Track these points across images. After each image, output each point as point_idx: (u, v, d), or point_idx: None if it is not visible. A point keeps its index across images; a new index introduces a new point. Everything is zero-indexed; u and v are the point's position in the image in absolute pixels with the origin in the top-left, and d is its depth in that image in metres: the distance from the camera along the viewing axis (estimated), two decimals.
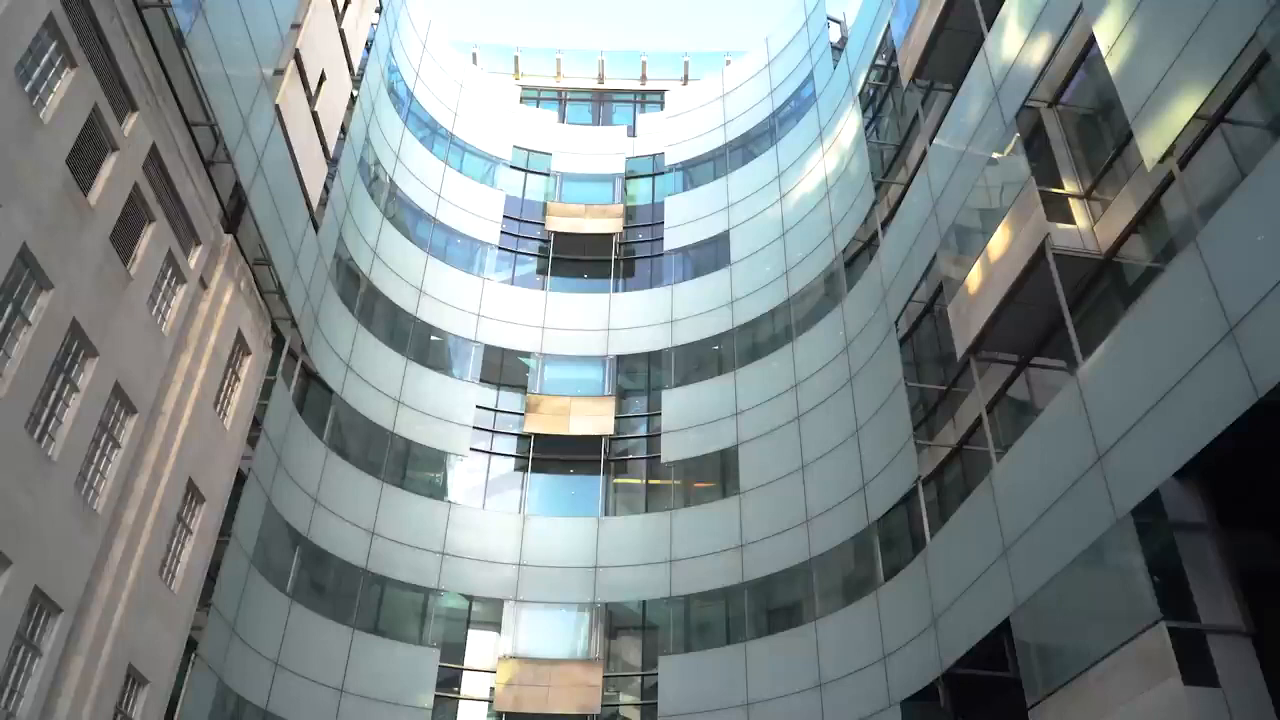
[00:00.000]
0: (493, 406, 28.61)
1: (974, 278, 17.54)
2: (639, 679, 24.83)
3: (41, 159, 12.52)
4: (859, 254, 25.03)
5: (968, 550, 17.08)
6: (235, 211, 18.95)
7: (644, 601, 25.59)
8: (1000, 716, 19.25)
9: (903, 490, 20.28)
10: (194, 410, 16.90)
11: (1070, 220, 16.30)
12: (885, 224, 23.38)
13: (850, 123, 26.67)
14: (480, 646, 25.13)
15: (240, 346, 19.13)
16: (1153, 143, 13.28)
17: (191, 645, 18.01)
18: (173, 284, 16.65)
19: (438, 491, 27.11)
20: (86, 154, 13.63)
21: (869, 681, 19.73)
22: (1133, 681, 12.43)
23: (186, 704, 17.57)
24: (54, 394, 13.28)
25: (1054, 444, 14.76)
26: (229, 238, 18.43)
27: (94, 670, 14.32)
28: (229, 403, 18.71)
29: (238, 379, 19.12)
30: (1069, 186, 16.77)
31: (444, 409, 27.26)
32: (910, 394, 20.70)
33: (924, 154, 21.41)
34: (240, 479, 19.77)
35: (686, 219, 31.56)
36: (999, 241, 16.80)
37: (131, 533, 15.34)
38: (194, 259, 17.21)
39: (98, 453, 14.54)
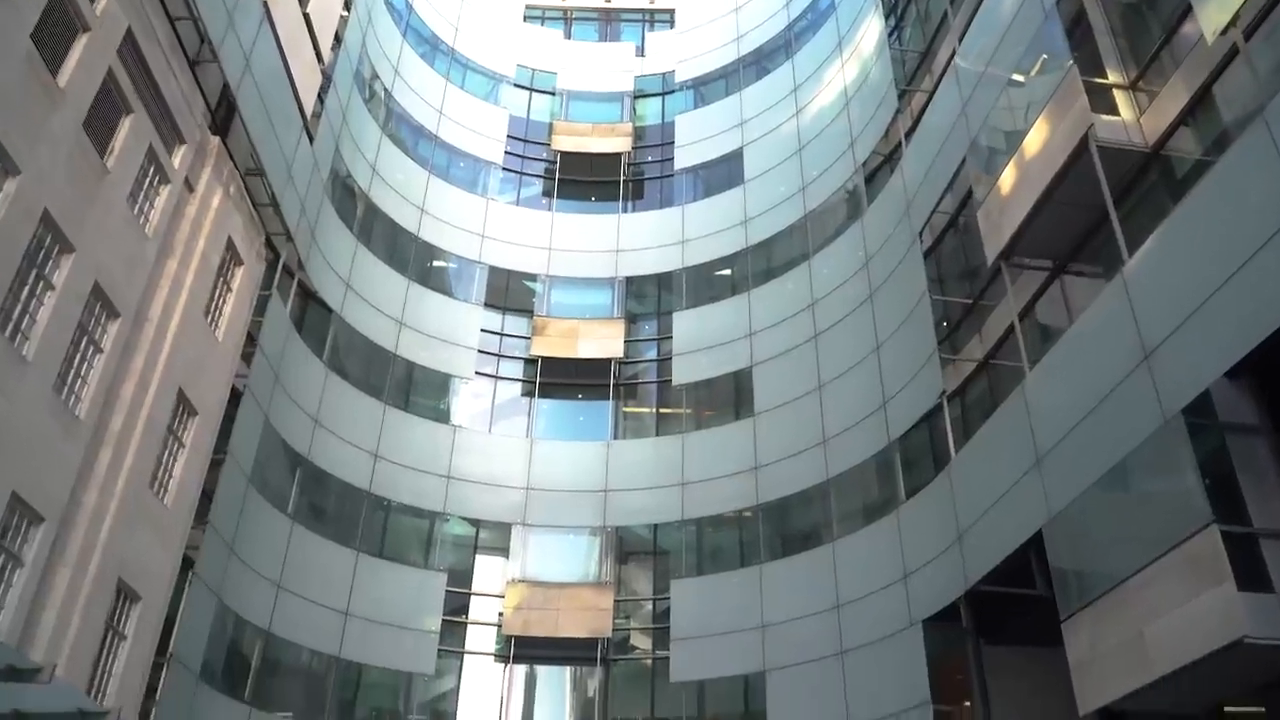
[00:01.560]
0: (498, 330, 27.77)
1: (1008, 177, 16.49)
2: (651, 604, 24.30)
3: (1, 32, 11.52)
4: (880, 167, 23.91)
5: (996, 464, 16.30)
6: (224, 116, 17.95)
7: (655, 525, 24.98)
8: (1024, 635, 18.73)
9: (926, 407, 19.45)
10: (182, 318, 16.07)
11: (1114, 112, 15.20)
12: (909, 134, 22.24)
13: (872, 30, 25.34)
14: (488, 571, 24.62)
15: (231, 255, 18.23)
16: (1214, 13, 12.19)
17: (188, 564, 17.42)
18: (155, 183, 15.69)
19: (442, 415, 26.39)
20: (53, 31, 12.61)
21: (889, 601, 19.10)
22: (1179, 588, 11.67)
23: (185, 623, 16.99)
24: (26, 290, 12.43)
25: (1096, 346, 13.85)
26: (216, 140, 17.44)
27: (81, 583, 13.68)
28: (220, 313, 17.87)
29: (229, 289, 18.26)
30: (1113, 77, 15.66)
31: (447, 331, 26.41)
32: (934, 308, 19.75)
33: (952, 55, 20.20)
34: (236, 397, 19.02)
35: (698, 137, 30.33)
36: (1036, 137, 15.73)
37: (118, 442, 14.60)
38: (178, 158, 16.24)
39: (78, 356, 13.73)
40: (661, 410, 27.23)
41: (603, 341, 27.24)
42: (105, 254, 14.06)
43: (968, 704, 19.24)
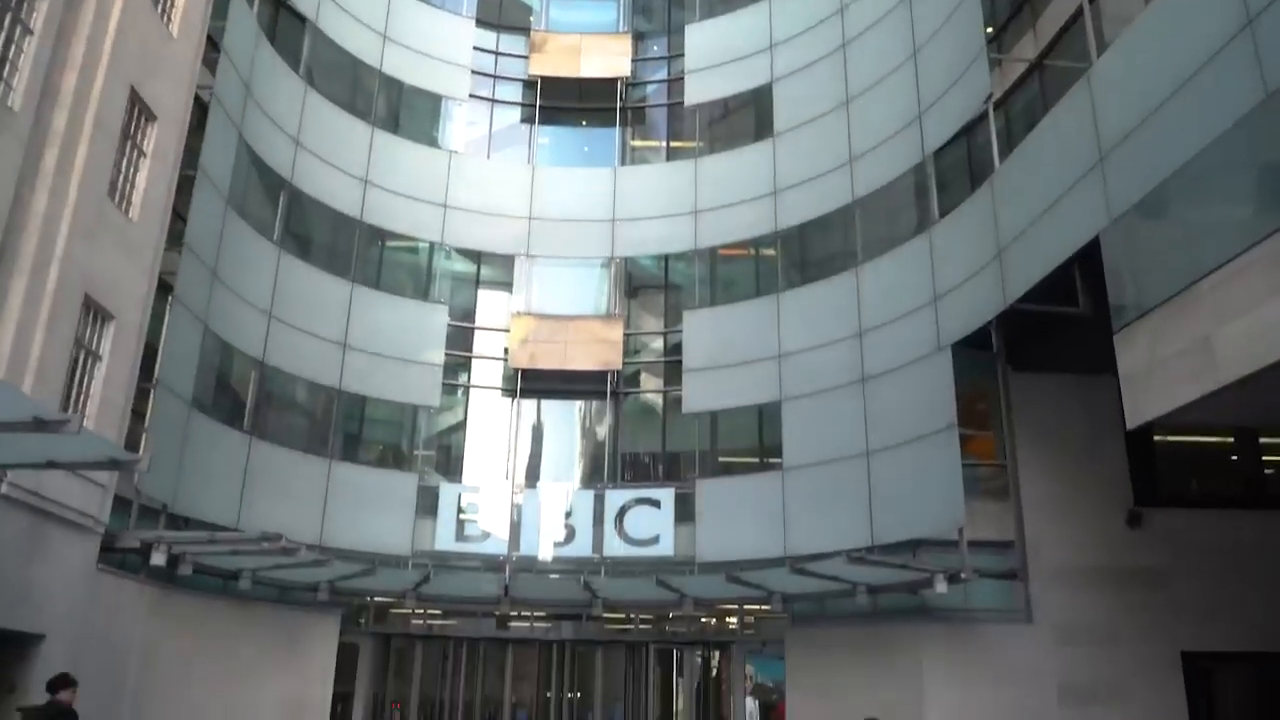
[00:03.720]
0: (493, 49, 25.30)
1: None
2: (662, 338, 23.37)
3: None
4: None
5: (1049, 169, 14.64)
6: None
7: (666, 256, 23.64)
8: (1051, 361, 17.86)
9: (968, 116, 17.57)
10: (126, 3, 13.95)
11: None
12: None
13: None
14: (492, 306, 23.58)
15: None
16: None
17: (169, 290, 16.26)
18: None
19: (436, 141, 24.49)
20: None
21: (915, 327, 18.02)
22: (1258, 288, 10.33)
23: (169, 349, 16.02)
24: None
25: (1184, 18, 11.82)
26: None
27: (41, 295, 12.48)
28: (172, 3, 15.68)
29: None
30: None
31: (437, 47, 23.97)
32: (983, 3, 17.38)
33: None
34: (205, 111, 17.18)
35: None
36: None
37: (65, 141, 12.94)
38: None
39: (1, 35, 11.84)
40: (672, 144, 25.26)
41: (608, 59, 24.83)
42: None
43: (987, 436, 18.72)
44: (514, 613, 20.90)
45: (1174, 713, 16.41)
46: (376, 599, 20.29)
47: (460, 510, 20.67)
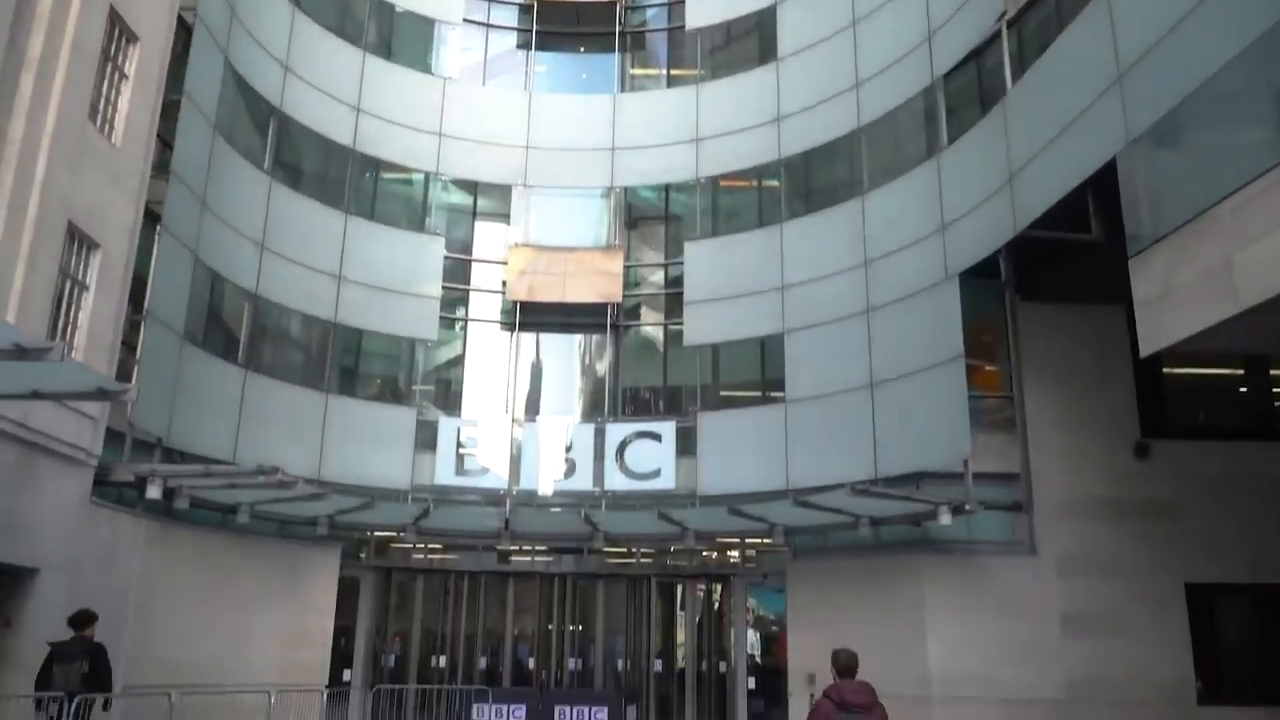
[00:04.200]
0: None
1: None
2: (663, 270, 22.96)
3: None
4: None
5: (1064, 89, 14.09)
6: None
7: (667, 186, 23.13)
8: (1059, 291, 17.51)
9: (979, 37, 16.99)
10: None
11: None
12: None
13: None
14: (489, 238, 23.11)
15: None
16: None
17: (156, 218, 15.85)
18: None
19: (429, 67, 23.76)
20: None
21: (922, 256, 17.62)
22: None
23: (159, 279, 15.65)
24: None
25: None
26: None
27: (21, 224, 12.10)
28: None
29: None
30: None
31: None
32: None
33: None
34: (186, 28, 16.57)
35: None
36: None
37: (41, 66, 12.46)
38: None
39: None
40: (673, 72, 24.55)
41: None
42: None
43: (993, 368, 18.46)
44: (515, 547, 20.84)
45: (1176, 644, 16.40)
46: (377, 533, 20.22)
47: (460, 444, 20.47)
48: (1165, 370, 17.87)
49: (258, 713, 13.71)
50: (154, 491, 14.58)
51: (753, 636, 19.95)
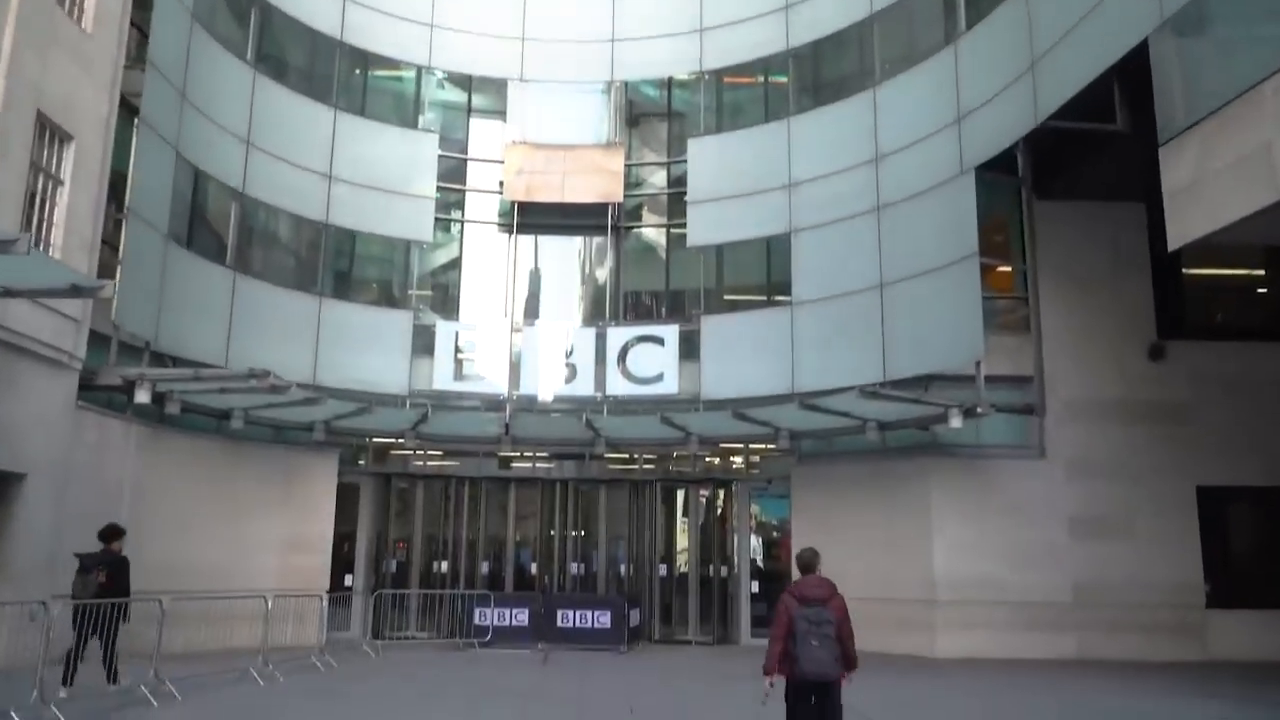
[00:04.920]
0: None
1: None
2: (665, 169, 22.17)
3: None
4: None
5: None
6: None
7: (670, 80, 22.18)
8: (1076, 188, 16.88)
9: None
10: None
11: None
12: None
13: None
14: (485, 137, 22.20)
15: None
16: None
17: (134, 111, 15.09)
18: None
19: None
20: None
21: (936, 150, 16.90)
22: None
23: (139, 175, 14.95)
24: None
25: None
26: None
27: None
28: None
29: None
30: None
31: None
32: None
33: None
34: None
35: None
36: None
37: None
38: None
39: None
40: None
41: None
42: None
43: (1006, 268, 17.90)
44: (515, 452, 20.55)
45: (1187, 547, 16.24)
46: (375, 439, 19.90)
47: (458, 349, 20.00)
48: (1184, 271, 17.34)
49: (256, 617, 13.52)
50: (142, 395, 14.15)
51: (755, 542, 19.81)
